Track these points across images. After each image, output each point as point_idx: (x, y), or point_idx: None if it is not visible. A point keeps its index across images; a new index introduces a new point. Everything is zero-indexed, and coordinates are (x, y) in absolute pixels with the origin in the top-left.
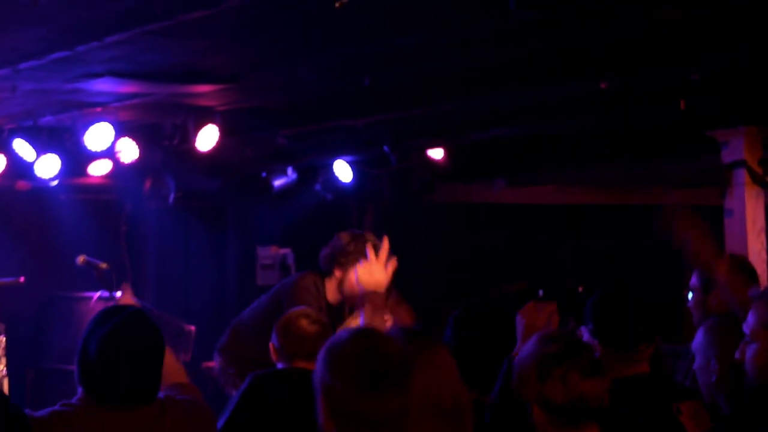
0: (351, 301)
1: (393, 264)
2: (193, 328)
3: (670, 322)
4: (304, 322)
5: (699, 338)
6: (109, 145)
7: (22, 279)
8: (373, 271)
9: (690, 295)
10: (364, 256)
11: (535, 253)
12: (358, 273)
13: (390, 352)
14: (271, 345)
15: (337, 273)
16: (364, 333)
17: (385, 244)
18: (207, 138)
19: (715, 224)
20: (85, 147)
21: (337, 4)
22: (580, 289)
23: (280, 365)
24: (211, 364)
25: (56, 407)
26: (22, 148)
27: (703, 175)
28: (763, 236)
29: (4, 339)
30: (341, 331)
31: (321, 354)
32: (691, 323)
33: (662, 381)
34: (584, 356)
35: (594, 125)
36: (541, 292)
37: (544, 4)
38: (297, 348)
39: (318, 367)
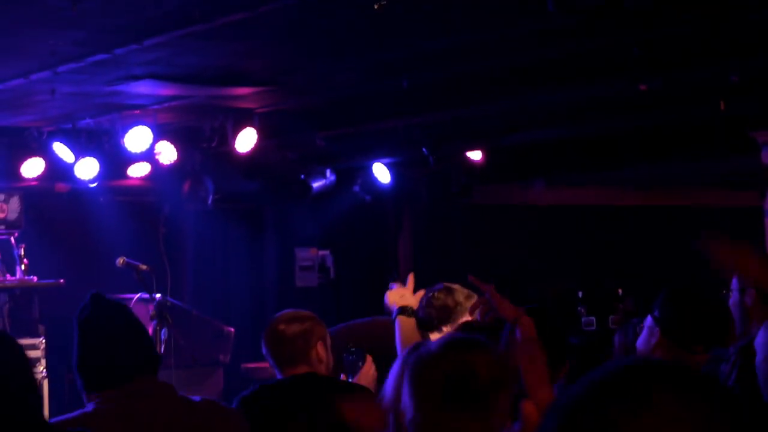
0: None
1: (420, 293)
2: (232, 329)
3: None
4: (281, 326)
5: (762, 335)
6: (147, 148)
7: (62, 281)
8: (403, 294)
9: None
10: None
11: (574, 253)
12: (388, 296)
13: (478, 369)
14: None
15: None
16: (453, 345)
17: (411, 278)
18: (245, 140)
19: (755, 225)
20: (124, 149)
21: (376, 6)
22: (620, 291)
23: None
24: (251, 365)
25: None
26: (61, 150)
27: (743, 176)
28: None
29: (44, 341)
30: (429, 343)
31: (406, 368)
32: (731, 327)
33: None
34: None
35: (633, 126)
36: (580, 294)
37: (582, 7)
38: (278, 352)
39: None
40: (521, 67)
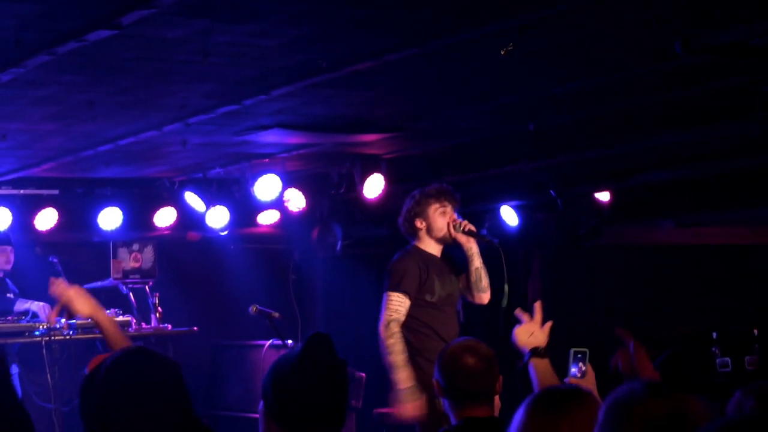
0: (448, 241)
1: (549, 325)
2: (363, 374)
3: None
4: (468, 359)
5: None
6: (277, 196)
7: (195, 329)
8: (532, 331)
9: None
10: (433, 197)
11: (705, 293)
12: (516, 334)
13: (697, 415)
14: (434, 381)
15: (419, 224)
16: (659, 390)
17: (538, 307)
18: (373, 186)
19: None
20: (253, 198)
21: (502, 51)
22: (756, 331)
23: (444, 402)
24: (383, 410)
25: None
26: (192, 200)
27: None
28: None
29: None
30: (628, 385)
31: (605, 412)
32: None
33: None
34: None
35: (762, 165)
36: (714, 335)
37: (709, 47)
38: (463, 387)
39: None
40: (648, 108)
